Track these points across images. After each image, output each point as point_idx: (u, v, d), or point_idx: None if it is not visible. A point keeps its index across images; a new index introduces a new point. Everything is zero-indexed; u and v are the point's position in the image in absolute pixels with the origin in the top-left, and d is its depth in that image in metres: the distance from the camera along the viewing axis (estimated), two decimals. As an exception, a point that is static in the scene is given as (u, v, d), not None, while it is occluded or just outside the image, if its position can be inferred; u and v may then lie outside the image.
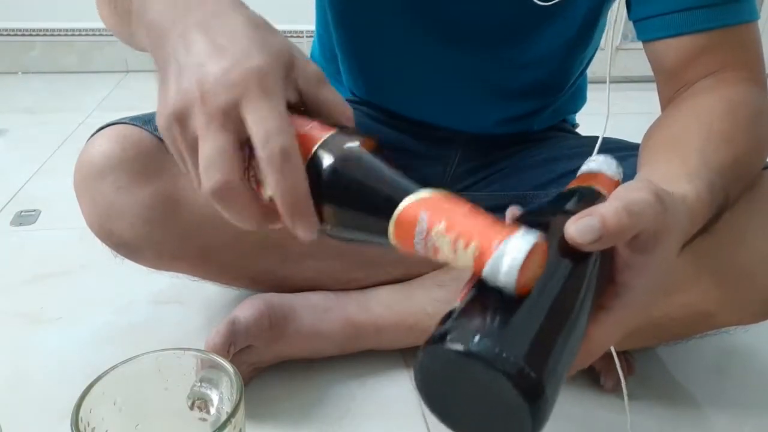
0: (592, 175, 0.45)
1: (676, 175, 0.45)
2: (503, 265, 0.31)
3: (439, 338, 0.31)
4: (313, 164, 0.35)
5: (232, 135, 0.35)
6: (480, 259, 0.31)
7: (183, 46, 0.38)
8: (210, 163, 0.35)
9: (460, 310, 0.32)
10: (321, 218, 0.37)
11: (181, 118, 0.36)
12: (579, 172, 0.47)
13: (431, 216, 0.33)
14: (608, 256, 0.37)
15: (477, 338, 0.30)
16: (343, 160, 0.35)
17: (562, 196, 0.43)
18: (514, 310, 0.31)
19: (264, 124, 0.34)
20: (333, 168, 0.35)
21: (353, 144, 0.36)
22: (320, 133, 0.36)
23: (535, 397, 0.29)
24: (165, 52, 0.39)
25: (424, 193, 0.34)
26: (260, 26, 0.39)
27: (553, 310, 0.32)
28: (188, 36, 0.38)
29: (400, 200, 0.34)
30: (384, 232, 0.34)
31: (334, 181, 0.35)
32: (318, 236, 0.37)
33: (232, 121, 0.35)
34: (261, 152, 0.34)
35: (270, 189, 0.35)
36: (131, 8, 0.45)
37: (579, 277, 0.35)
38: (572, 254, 0.35)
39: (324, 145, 0.36)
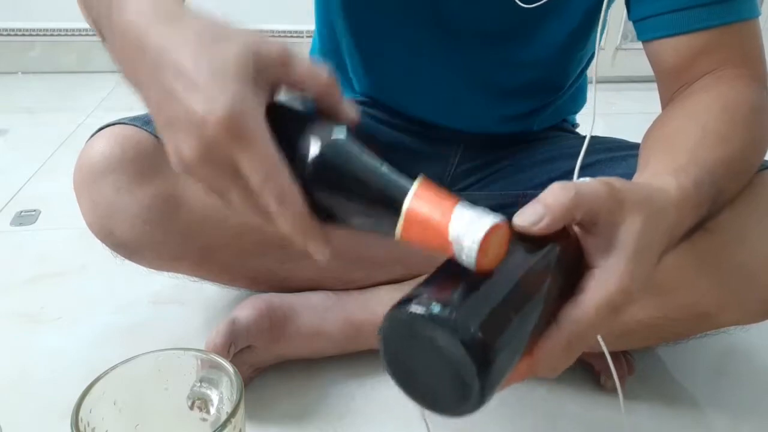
0: (560, 182, 0.47)
1: (661, 171, 0.46)
2: (464, 246, 0.33)
3: (400, 303, 0.33)
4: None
5: (241, 183, 0.36)
6: (446, 239, 0.33)
7: (155, 91, 0.38)
8: (241, 207, 0.38)
9: (424, 280, 0.35)
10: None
11: (192, 174, 0.38)
12: None
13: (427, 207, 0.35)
14: (573, 248, 0.39)
15: (435, 304, 0.32)
16: (326, 173, 0.37)
17: None
18: (476, 284, 0.34)
19: (253, 174, 0.35)
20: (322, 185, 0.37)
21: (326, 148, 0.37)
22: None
23: (485, 362, 0.31)
24: (141, 82, 0.40)
25: (414, 187, 0.35)
26: (213, 35, 0.37)
27: (511, 287, 0.35)
28: (155, 75, 0.37)
29: (401, 204, 0.35)
30: (392, 231, 0.36)
31: (326, 197, 0.38)
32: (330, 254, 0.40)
33: (234, 170, 0.36)
34: (259, 195, 0.36)
35: (280, 227, 0.38)
36: (101, 30, 0.46)
37: (538, 262, 0.37)
38: (530, 243, 0.37)
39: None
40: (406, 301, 0.33)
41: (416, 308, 0.32)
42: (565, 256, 0.38)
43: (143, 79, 0.39)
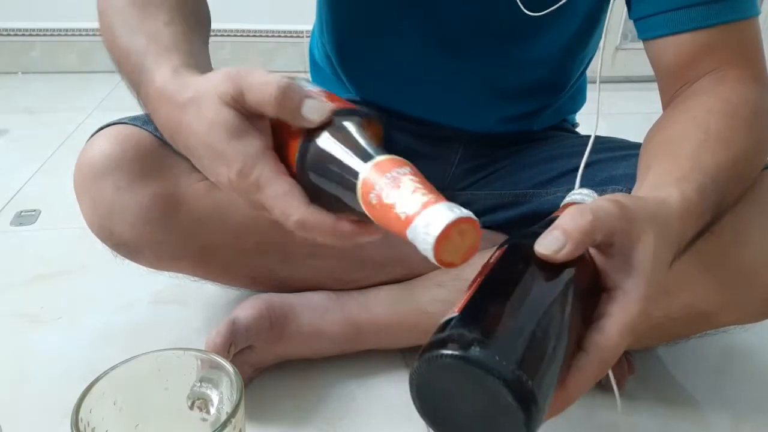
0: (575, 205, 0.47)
1: (665, 180, 0.47)
2: (420, 232, 0.32)
3: (438, 345, 0.32)
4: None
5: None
6: (405, 223, 0.33)
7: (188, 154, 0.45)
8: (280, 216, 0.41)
9: (458, 318, 0.34)
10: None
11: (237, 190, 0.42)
12: (562, 203, 0.49)
13: (379, 183, 0.35)
14: (590, 271, 0.39)
15: (475, 345, 0.31)
16: (309, 165, 0.40)
17: (543, 224, 0.44)
18: (510, 319, 0.33)
19: (273, 211, 0.41)
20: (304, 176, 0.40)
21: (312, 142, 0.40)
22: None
23: (529, 403, 0.31)
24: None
25: (372, 162, 0.36)
26: (206, 116, 0.42)
27: (544, 320, 0.34)
28: (185, 152, 0.45)
29: (355, 179, 0.36)
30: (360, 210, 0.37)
31: (310, 184, 0.40)
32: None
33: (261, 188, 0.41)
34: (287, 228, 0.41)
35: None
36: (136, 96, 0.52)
37: (563, 291, 0.36)
38: (551, 270, 0.37)
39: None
40: (442, 341, 0.32)
41: (454, 351, 0.32)
42: (583, 279, 0.38)
43: (180, 147, 0.46)
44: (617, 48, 1.98)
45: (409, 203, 0.33)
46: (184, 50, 0.48)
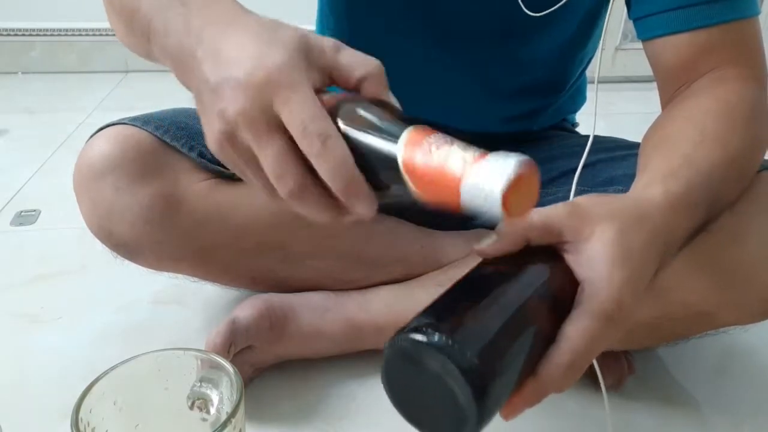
0: None
1: (653, 178, 0.47)
2: (482, 190, 0.30)
3: (401, 331, 0.34)
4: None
5: (282, 137, 0.36)
6: (459, 189, 0.31)
7: (207, 69, 0.39)
8: (277, 173, 0.37)
9: (422, 311, 0.35)
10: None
11: (230, 139, 0.38)
12: None
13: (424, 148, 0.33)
14: (563, 272, 0.40)
15: (433, 331, 0.33)
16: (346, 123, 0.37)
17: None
18: (474, 310, 0.35)
19: (297, 116, 0.35)
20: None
21: (350, 105, 0.37)
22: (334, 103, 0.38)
23: (482, 388, 0.32)
24: (192, 77, 0.40)
25: (409, 131, 0.35)
26: (269, 25, 0.40)
27: (507, 312, 0.36)
28: (208, 58, 0.39)
29: (395, 151, 0.34)
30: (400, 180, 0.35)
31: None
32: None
33: (275, 123, 0.36)
34: (301, 144, 0.36)
35: (321, 175, 0.36)
36: (149, 31, 0.46)
37: (529, 286, 0.38)
38: (518, 272, 0.39)
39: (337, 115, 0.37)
40: (407, 328, 0.34)
41: (416, 335, 0.33)
42: (556, 277, 0.40)
43: (200, 55, 0.39)
44: (617, 48, 1.98)
45: (458, 163, 0.31)
46: None
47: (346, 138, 0.36)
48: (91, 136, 0.64)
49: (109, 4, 0.53)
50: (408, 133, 0.34)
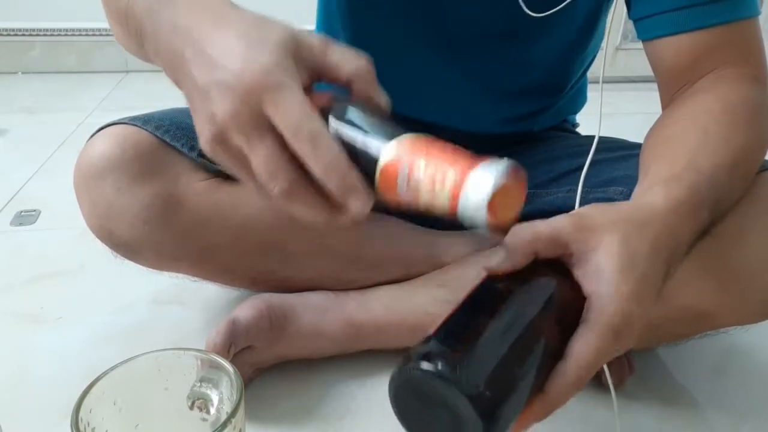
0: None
1: (655, 181, 0.47)
2: (470, 200, 0.31)
3: (410, 359, 0.34)
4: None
5: (272, 138, 0.36)
6: (454, 198, 0.32)
7: (195, 70, 0.39)
8: (268, 174, 0.37)
9: (434, 336, 0.36)
10: None
11: (222, 141, 0.38)
12: None
13: (410, 159, 0.34)
14: (571, 286, 0.40)
15: (442, 361, 0.33)
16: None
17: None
18: (481, 336, 0.35)
19: (287, 117, 0.36)
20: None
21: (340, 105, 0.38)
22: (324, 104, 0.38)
23: (493, 417, 0.33)
24: (183, 78, 0.40)
25: (400, 139, 0.35)
26: (257, 23, 0.39)
27: (514, 335, 0.36)
28: (197, 59, 0.39)
29: (379, 152, 0.35)
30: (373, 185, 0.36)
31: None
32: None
33: (265, 125, 0.36)
34: (293, 145, 0.36)
35: (315, 174, 0.36)
36: (142, 32, 0.46)
37: (536, 304, 0.38)
38: (527, 289, 0.39)
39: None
40: (415, 355, 0.34)
41: (424, 364, 0.33)
42: (562, 293, 0.39)
43: (189, 56, 0.40)
44: (617, 48, 1.98)
45: (446, 174, 0.32)
46: None
47: (336, 138, 0.37)
48: (91, 136, 0.64)
49: (107, 5, 0.53)
50: (394, 142, 0.35)
